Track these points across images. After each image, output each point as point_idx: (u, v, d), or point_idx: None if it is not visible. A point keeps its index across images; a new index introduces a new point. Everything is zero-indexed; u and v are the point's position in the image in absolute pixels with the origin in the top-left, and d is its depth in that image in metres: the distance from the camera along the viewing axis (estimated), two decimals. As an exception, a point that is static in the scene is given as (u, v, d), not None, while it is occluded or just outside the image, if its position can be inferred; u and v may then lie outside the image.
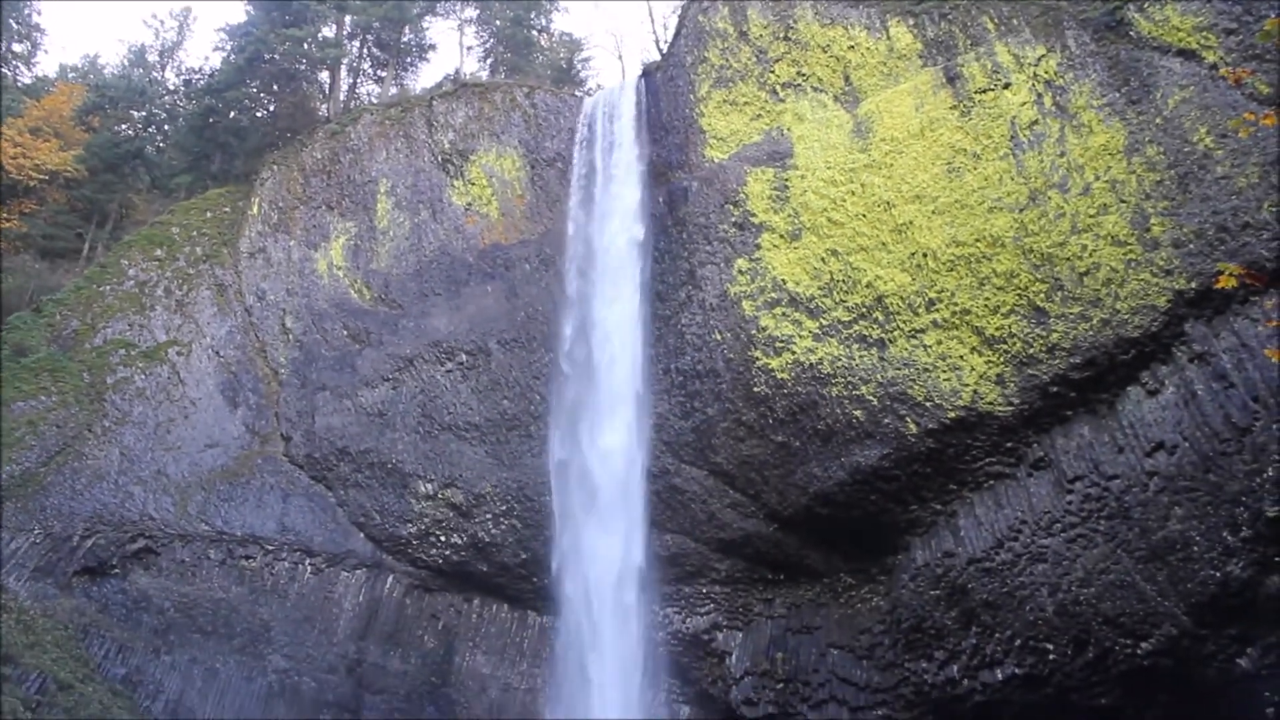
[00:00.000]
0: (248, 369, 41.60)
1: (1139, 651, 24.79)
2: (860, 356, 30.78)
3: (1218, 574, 22.87)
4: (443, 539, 38.53)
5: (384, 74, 65.02)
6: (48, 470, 35.27)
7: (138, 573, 35.36)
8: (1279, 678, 20.90)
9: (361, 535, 38.96)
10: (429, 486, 38.67)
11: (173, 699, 33.57)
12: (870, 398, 30.38)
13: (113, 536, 35.27)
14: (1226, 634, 23.32)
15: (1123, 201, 25.99)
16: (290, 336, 42.29)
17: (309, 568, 37.84)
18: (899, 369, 29.96)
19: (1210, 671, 23.84)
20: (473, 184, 42.63)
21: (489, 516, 38.08)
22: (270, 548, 37.46)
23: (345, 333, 41.86)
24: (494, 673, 38.01)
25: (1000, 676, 28.09)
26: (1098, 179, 26.70)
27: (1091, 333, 26.19)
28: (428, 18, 67.59)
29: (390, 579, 38.71)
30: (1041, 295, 27.31)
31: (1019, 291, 27.88)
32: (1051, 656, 26.77)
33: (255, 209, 45.20)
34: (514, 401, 38.74)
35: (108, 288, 41.70)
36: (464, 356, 39.94)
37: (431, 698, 37.12)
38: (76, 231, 54.40)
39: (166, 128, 68.43)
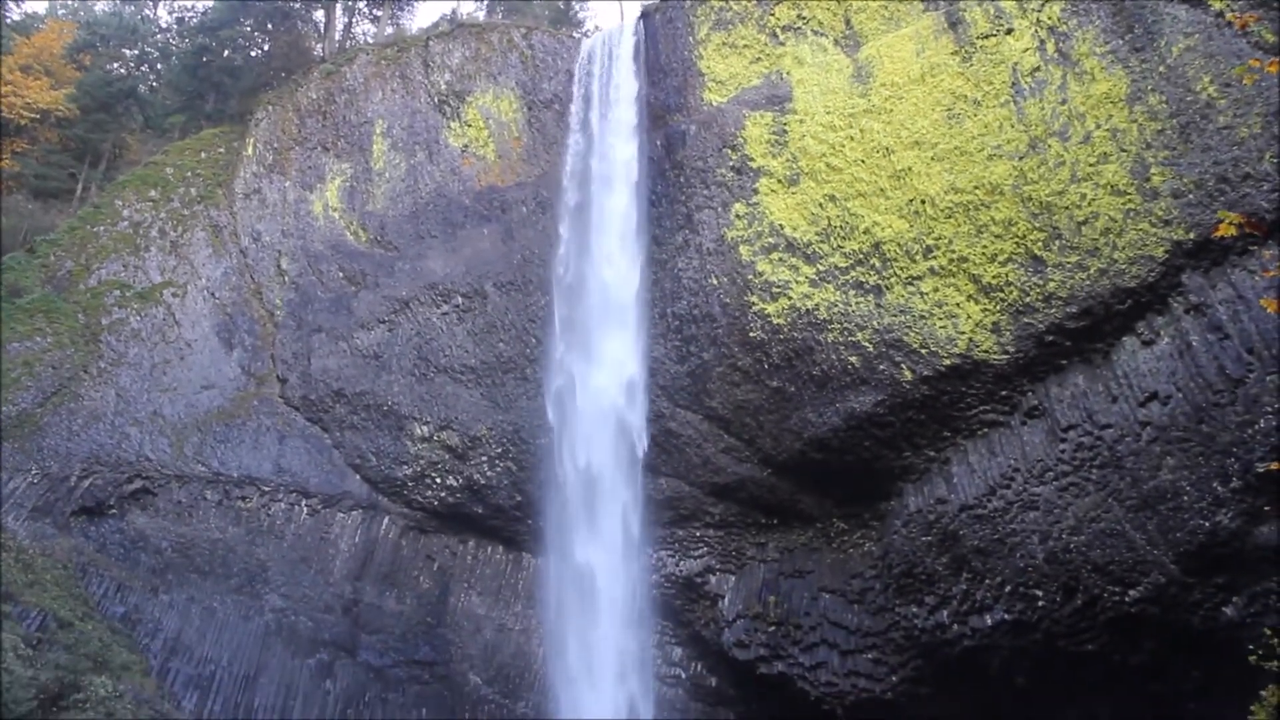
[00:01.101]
0: (243, 310, 41.50)
1: (1127, 599, 25.08)
2: (857, 303, 30.75)
3: (1207, 524, 23.07)
4: (438, 481, 38.74)
5: (380, 13, 64.11)
6: (44, 411, 35.32)
7: (135, 513, 35.57)
8: (1263, 626, 21.12)
9: (357, 477, 39.16)
10: (425, 429, 38.79)
11: (171, 637, 33.93)
12: (866, 344, 30.40)
13: (110, 477, 35.42)
14: (1213, 583, 23.58)
15: (1123, 150, 25.81)
16: (286, 278, 42.13)
17: (305, 509, 38.06)
18: (895, 316, 29.94)
19: (1196, 619, 24.16)
20: (469, 126, 42.26)
21: (484, 459, 38.25)
22: (266, 489, 37.64)
23: (341, 274, 41.72)
24: (489, 613, 38.45)
25: (989, 622, 28.44)
26: (1098, 127, 26.48)
27: (1088, 282, 26.14)
28: (425, -45, 66.56)
29: (386, 520, 38.99)
30: (1039, 244, 27.22)
31: (1017, 240, 27.78)
32: (1040, 603, 27.08)
33: (250, 149, 44.79)
34: (510, 344, 38.72)
35: (102, 228, 41.44)
36: (460, 299, 39.85)
37: (427, 638, 37.58)
38: (69, 171, 53.83)
39: (159, 66, 67.60)
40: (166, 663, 33.43)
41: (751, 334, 32.72)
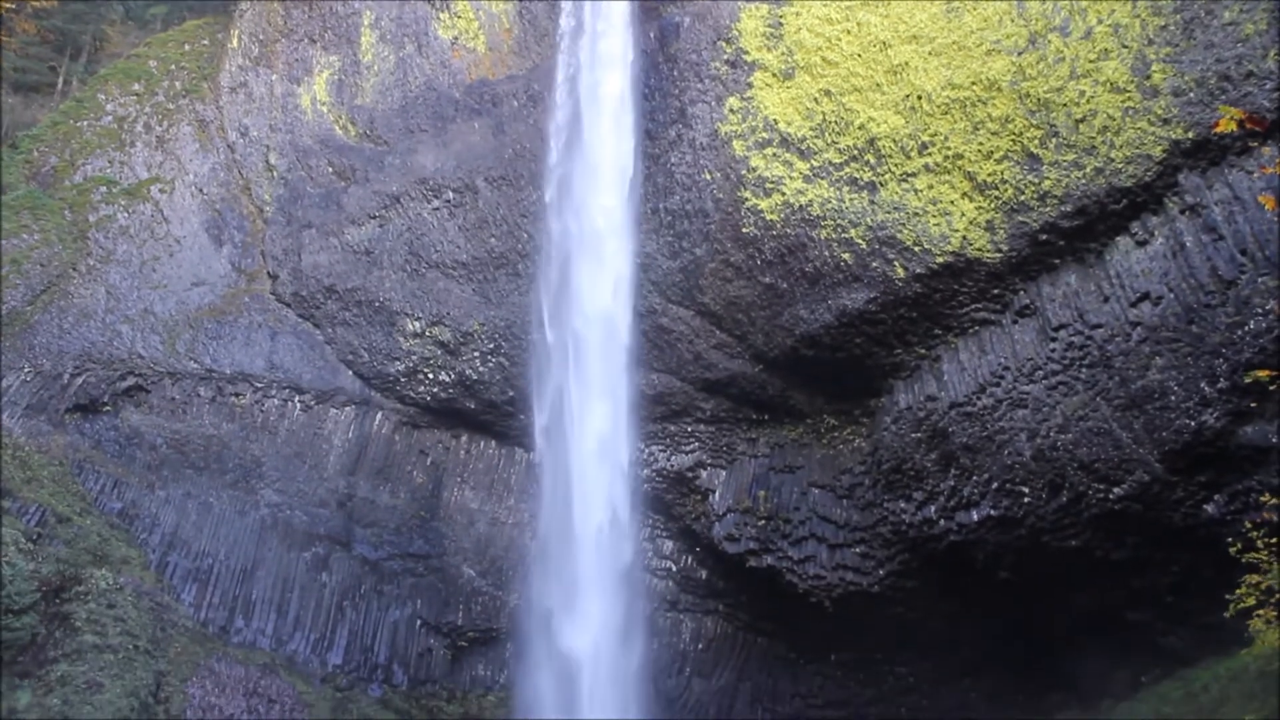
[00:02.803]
0: (232, 206, 41.15)
1: (1111, 496, 25.49)
2: (850, 199, 30.49)
3: (1192, 423, 23.33)
4: (430, 376, 38.86)
5: (364, -105, 62.12)
6: (34, 309, 35.24)
7: (129, 410, 35.81)
8: (1242, 522, 21.52)
9: (350, 373, 39.29)
10: (416, 324, 38.74)
11: (169, 532, 34.49)
12: (859, 241, 30.26)
13: (103, 374, 35.54)
14: (1196, 481, 23.96)
15: (1124, 47, 25.32)
16: (275, 173, 41.66)
17: (298, 405, 38.31)
18: (889, 213, 29.72)
19: (1177, 516, 24.61)
20: (459, 17, 41.25)
21: (476, 354, 38.28)
22: (259, 385, 37.82)
23: (330, 170, 41.24)
24: (481, 507, 38.97)
25: (976, 517, 28.95)
26: (1100, 22, 25.91)
27: (1084, 181, 25.90)
28: None
29: (379, 416, 39.26)
30: (1036, 141, 26.89)
31: (1013, 137, 27.42)
32: (1026, 499, 27.52)
33: (235, 42, 43.83)
34: (501, 240, 38.45)
35: (85, 123, 40.79)
36: (451, 194, 39.42)
37: (421, 531, 38.13)
38: (49, 64, 52.71)
39: (139, -48, 65.69)
40: (165, 556, 34.07)
41: (744, 230, 32.50)
